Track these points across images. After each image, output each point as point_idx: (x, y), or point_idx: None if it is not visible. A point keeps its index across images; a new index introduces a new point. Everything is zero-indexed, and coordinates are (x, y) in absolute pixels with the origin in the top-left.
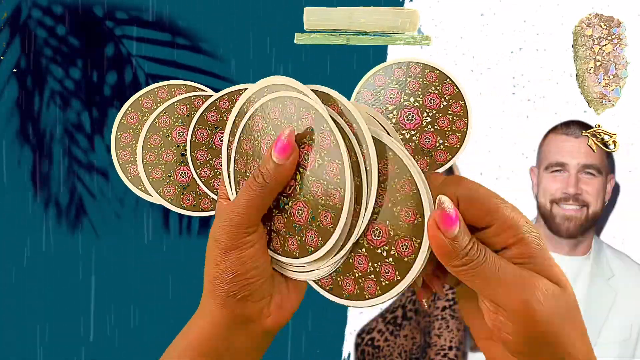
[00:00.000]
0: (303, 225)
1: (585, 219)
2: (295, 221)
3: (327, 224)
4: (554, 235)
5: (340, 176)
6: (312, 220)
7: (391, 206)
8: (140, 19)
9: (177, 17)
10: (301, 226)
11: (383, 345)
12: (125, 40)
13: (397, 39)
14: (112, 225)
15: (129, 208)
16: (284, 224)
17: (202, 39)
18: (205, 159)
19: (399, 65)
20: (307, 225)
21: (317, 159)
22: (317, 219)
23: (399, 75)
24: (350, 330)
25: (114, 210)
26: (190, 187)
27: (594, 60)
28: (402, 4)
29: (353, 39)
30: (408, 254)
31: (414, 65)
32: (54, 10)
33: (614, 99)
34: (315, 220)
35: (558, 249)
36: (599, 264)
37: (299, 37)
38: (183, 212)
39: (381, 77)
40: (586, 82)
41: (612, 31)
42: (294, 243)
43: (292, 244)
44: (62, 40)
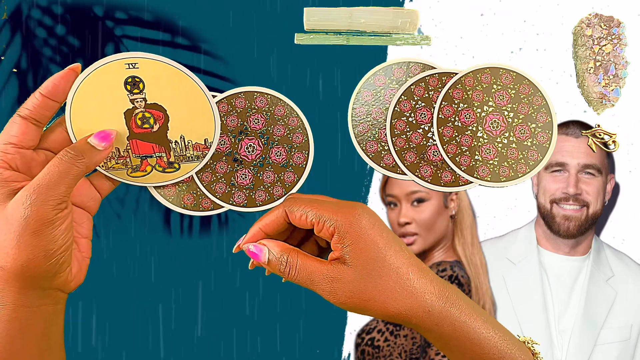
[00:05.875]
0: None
1: (585, 219)
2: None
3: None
4: (554, 235)
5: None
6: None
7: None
8: (140, 19)
9: (177, 17)
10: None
11: (383, 345)
12: (125, 39)
13: (397, 39)
14: (112, 225)
15: (129, 208)
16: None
17: (202, 39)
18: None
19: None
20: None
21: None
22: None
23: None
24: (350, 330)
25: (115, 210)
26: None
27: (594, 60)
28: (402, 4)
29: (353, 39)
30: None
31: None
32: (53, 10)
33: (614, 99)
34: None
35: (558, 249)
36: (599, 264)
37: (299, 37)
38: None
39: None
40: (586, 82)
41: (612, 31)
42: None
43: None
44: (61, 40)
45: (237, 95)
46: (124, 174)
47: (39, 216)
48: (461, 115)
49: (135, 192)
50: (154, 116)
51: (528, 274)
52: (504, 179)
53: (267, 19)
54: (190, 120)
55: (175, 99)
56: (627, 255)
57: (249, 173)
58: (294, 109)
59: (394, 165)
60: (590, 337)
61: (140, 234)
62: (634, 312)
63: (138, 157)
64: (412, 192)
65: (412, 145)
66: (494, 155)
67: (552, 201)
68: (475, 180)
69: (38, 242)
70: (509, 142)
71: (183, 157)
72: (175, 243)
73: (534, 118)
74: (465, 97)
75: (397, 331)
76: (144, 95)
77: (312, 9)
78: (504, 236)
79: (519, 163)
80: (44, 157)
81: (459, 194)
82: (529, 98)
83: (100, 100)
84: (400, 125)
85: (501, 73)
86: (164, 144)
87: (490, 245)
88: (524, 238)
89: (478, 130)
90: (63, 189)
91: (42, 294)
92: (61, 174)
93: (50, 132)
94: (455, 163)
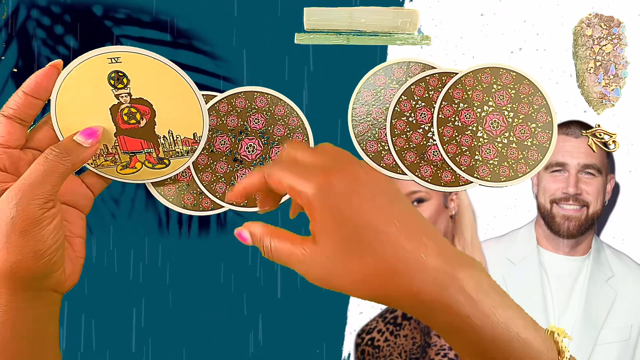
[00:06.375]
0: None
1: (585, 219)
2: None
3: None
4: (554, 235)
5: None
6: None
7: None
8: (139, 19)
9: (177, 17)
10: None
11: (383, 345)
12: (124, 39)
13: (397, 39)
14: (109, 224)
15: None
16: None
17: (203, 39)
18: (206, 163)
19: (399, 65)
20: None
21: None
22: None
23: (399, 75)
24: (350, 330)
25: (109, 209)
26: (190, 187)
27: (594, 60)
28: (402, 4)
29: (353, 39)
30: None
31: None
32: (52, 9)
33: (614, 99)
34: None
35: (558, 249)
36: (599, 264)
37: (299, 37)
38: (183, 211)
39: (381, 77)
40: (586, 82)
41: (612, 31)
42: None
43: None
44: (59, 40)
45: (237, 95)
46: (114, 171)
47: (25, 216)
48: (461, 115)
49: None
50: (140, 111)
51: (528, 274)
52: (504, 178)
53: (267, 19)
54: (177, 114)
55: (161, 93)
56: (627, 255)
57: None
58: (294, 109)
59: (394, 165)
60: (590, 337)
61: (139, 234)
62: (634, 312)
63: (127, 154)
64: (412, 192)
65: (412, 145)
66: (494, 155)
67: (552, 201)
68: (475, 180)
69: (26, 243)
70: (509, 142)
71: (173, 153)
72: (174, 243)
73: (534, 118)
74: (466, 97)
75: (397, 331)
76: (129, 90)
77: (312, 9)
78: (504, 236)
79: (519, 163)
80: (32, 156)
81: (459, 194)
82: (529, 98)
83: (85, 97)
84: (401, 125)
85: (501, 73)
86: (152, 140)
87: (490, 245)
88: (524, 238)
89: (478, 130)
90: (49, 187)
91: (34, 295)
92: (46, 172)
93: (37, 131)
94: (455, 163)
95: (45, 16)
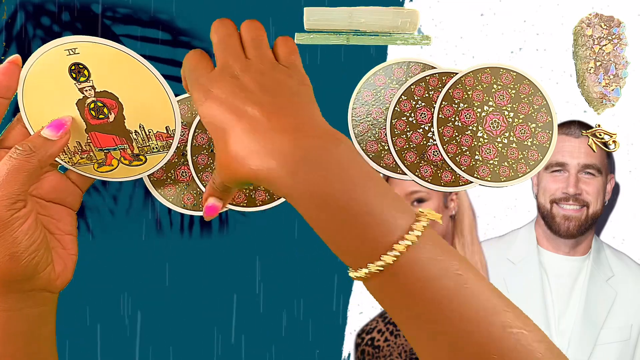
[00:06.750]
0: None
1: (585, 219)
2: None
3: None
4: (554, 235)
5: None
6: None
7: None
8: (139, 18)
9: (177, 16)
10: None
11: (383, 345)
12: (123, 38)
13: (397, 39)
14: (108, 224)
15: (122, 208)
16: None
17: (202, 39)
18: (206, 162)
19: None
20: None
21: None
22: None
23: (399, 75)
24: (350, 330)
25: (109, 208)
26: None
27: (594, 60)
28: (402, 4)
29: (353, 39)
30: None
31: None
32: (51, 9)
33: (614, 99)
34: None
35: (558, 249)
36: (599, 264)
37: (299, 37)
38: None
39: (381, 77)
40: (586, 82)
41: (612, 31)
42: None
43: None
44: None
45: None
46: (91, 169)
47: None
48: (461, 115)
49: (132, 191)
50: (107, 105)
51: (528, 274)
52: (504, 178)
53: (267, 18)
54: (145, 107)
55: (125, 84)
56: (627, 255)
57: None
58: None
59: (394, 165)
60: (590, 337)
61: (138, 234)
62: (634, 312)
63: (101, 151)
64: (412, 192)
65: (412, 145)
66: (494, 155)
67: (552, 201)
68: (475, 180)
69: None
70: (509, 142)
71: (147, 149)
72: (174, 243)
73: (534, 118)
74: (466, 97)
75: (397, 331)
76: (92, 83)
77: (312, 9)
78: (504, 236)
79: (519, 163)
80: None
81: (459, 194)
82: (529, 98)
83: (50, 92)
84: (401, 125)
85: (501, 73)
86: (124, 135)
87: (490, 245)
88: (524, 238)
89: (478, 130)
90: (16, 187)
91: (22, 296)
92: (11, 172)
93: (12, 130)
94: (456, 163)
95: (45, 16)
